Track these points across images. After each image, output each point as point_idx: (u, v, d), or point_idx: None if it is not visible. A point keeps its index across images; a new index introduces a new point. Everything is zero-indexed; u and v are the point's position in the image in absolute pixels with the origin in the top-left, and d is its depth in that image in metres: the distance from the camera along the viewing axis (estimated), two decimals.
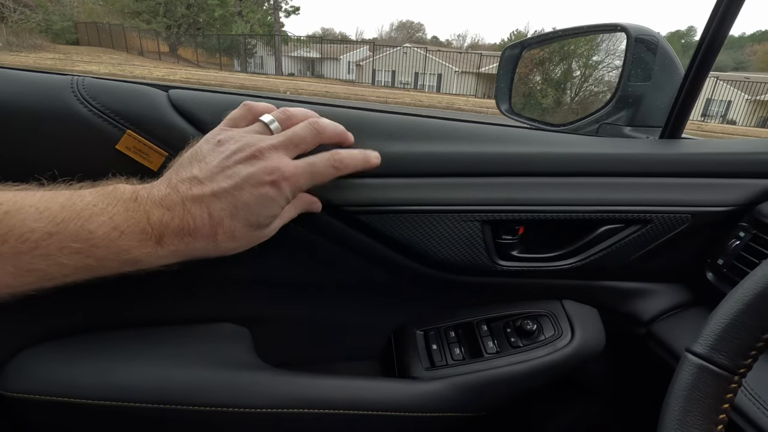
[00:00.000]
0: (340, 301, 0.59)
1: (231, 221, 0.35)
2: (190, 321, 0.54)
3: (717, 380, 0.28)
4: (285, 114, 0.40)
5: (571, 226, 0.53)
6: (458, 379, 0.54)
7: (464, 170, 0.50)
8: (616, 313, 0.60)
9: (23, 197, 0.30)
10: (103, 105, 0.41)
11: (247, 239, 0.37)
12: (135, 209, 0.32)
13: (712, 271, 0.55)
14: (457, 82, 21.06)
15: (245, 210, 0.35)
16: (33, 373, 0.46)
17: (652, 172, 0.53)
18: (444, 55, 22.64)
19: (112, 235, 0.31)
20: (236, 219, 0.35)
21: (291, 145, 0.38)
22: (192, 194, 0.34)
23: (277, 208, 0.37)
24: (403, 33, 71.98)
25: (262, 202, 0.36)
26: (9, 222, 0.28)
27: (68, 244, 0.30)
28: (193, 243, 0.34)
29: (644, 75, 0.60)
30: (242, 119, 0.40)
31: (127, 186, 0.34)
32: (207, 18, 21.63)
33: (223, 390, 0.47)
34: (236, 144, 0.36)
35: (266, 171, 0.35)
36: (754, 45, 63.19)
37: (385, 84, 22.16)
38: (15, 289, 0.30)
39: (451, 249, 0.51)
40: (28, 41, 15.62)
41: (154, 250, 0.33)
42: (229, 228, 0.35)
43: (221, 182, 0.35)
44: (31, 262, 0.29)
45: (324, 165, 0.40)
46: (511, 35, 52.27)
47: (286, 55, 24.32)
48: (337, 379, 0.52)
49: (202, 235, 0.34)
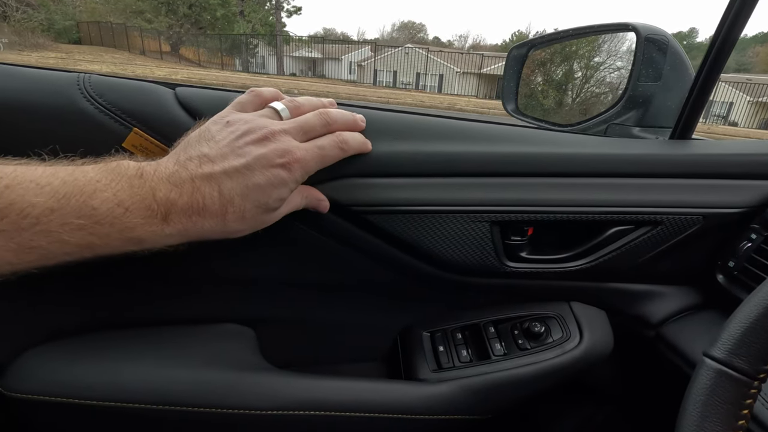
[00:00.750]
0: (346, 302, 0.58)
1: (242, 201, 0.35)
2: (194, 321, 0.54)
3: (736, 385, 0.28)
4: (294, 103, 0.41)
5: (580, 228, 0.53)
6: (465, 382, 0.53)
7: (473, 170, 0.49)
8: (624, 315, 0.59)
9: (24, 171, 0.28)
10: (109, 102, 0.41)
11: (254, 221, 0.37)
12: (140, 185, 0.31)
13: (723, 273, 0.54)
14: (458, 83, 21.06)
15: (256, 191, 0.35)
16: (36, 373, 0.45)
17: (662, 173, 0.52)
18: (445, 56, 22.64)
19: (117, 211, 0.30)
20: (247, 199, 0.35)
21: (301, 131, 0.38)
22: (202, 172, 0.34)
23: (287, 190, 0.37)
24: (405, 33, 72.03)
25: (274, 183, 0.35)
26: (9, 196, 0.27)
27: (70, 220, 0.29)
28: (201, 222, 0.34)
29: (654, 75, 0.59)
30: (249, 104, 0.40)
31: (131, 162, 0.33)
32: (209, 18, 21.66)
33: (227, 391, 0.46)
34: (247, 125, 0.36)
35: (277, 153, 0.35)
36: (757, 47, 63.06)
37: (387, 84, 22.17)
38: (15, 267, 0.28)
39: (459, 250, 0.51)
40: (31, 40, 15.64)
41: (160, 229, 0.32)
42: (239, 208, 0.35)
43: (233, 161, 0.34)
44: (32, 238, 0.28)
45: (331, 147, 0.40)
46: (513, 36, 52.27)
47: (288, 55, 24.35)
48: (343, 380, 0.51)
49: (211, 214, 0.34)
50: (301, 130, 0.38)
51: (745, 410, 0.28)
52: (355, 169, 0.46)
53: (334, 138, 0.41)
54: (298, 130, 0.38)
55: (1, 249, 0.27)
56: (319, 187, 0.45)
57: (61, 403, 0.44)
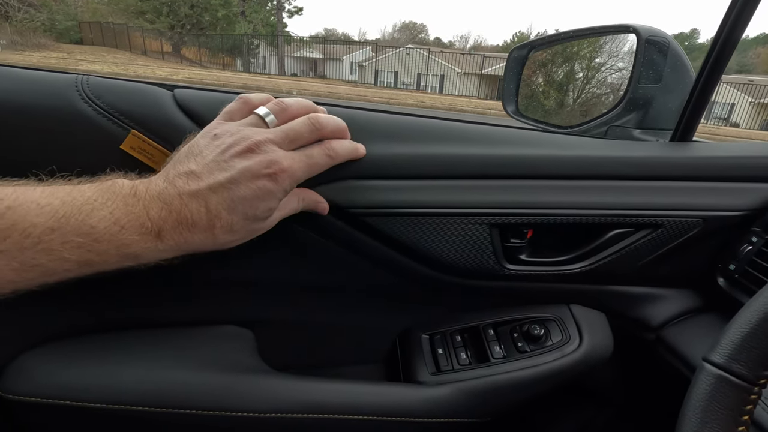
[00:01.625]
0: (344, 304, 0.58)
1: (229, 215, 0.35)
2: (192, 323, 0.53)
3: (736, 391, 0.27)
4: (280, 106, 0.40)
5: (580, 230, 0.53)
6: (464, 384, 0.53)
7: (472, 172, 0.49)
8: (624, 318, 0.59)
9: (24, 192, 0.29)
10: (107, 104, 0.40)
11: (245, 232, 0.37)
12: (134, 204, 0.32)
13: (724, 276, 0.54)
14: (459, 84, 21.05)
15: (243, 203, 0.35)
16: (34, 375, 0.45)
17: (663, 176, 0.52)
18: (447, 57, 22.64)
19: (113, 229, 0.31)
20: (234, 212, 0.35)
21: (287, 140, 0.38)
22: (189, 189, 0.34)
23: (275, 200, 0.37)
24: (406, 34, 72.04)
25: (260, 195, 0.35)
26: (11, 217, 0.28)
27: (70, 238, 0.30)
28: (192, 237, 0.34)
29: (655, 77, 0.59)
30: (238, 112, 0.40)
31: (125, 181, 0.34)
32: (210, 18, 21.69)
33: (225, 394, 0.46)
34: (232, 137, 0.36)
35: (263, 164, 0.35)
36: (758, 48, 63.02)
37: (388, 85, 22.18)
38: (17, 285, 0.30)
39: (459, 252, 0.50)
40: (32, 40, 15.67)
41: (154, 245, 0.33)
42: (227, 221, 0.35)
43: (218, 176, 0.34)
44: (33, 257, 0.29)
45: (319, 155, 0.40)
46: (514, 37, 52.26)
47: (289, 56, 24.37)
48: (341, 383, 0.51)
49: (200, 229, 0.34)
50: (287, 138, 0.38)
51: (746, 416, 0.27)
52: (354, 171, 0.46)
53: (323, 147, 0.40)
54: (284, 139, 0.38)
55: (5, 268, 0.28)
56: (319, 189, 0.45)
57: (58, 405, 0.44)
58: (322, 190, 0.45)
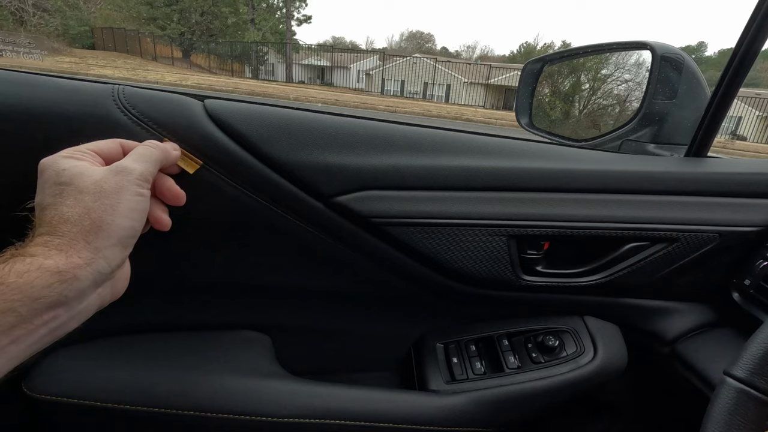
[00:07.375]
0: (361, 311, 0.59)
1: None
2: (212, 327, 0.54)
3: (758, 405, 0.28)
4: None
5: (596, 243, 0.53)
6: (478, 394, 0.53)
7: (491, 185, 0.50)
8: (638, 331, 0.59)
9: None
10: (141, 113, 0.42)
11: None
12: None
13: (739, 291, 0.54)
14: (466, 93, 21.13)
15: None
16: (59, 375, 0.46)
17: (679, 191, 0.53)
18: (453, 66, 22.75)
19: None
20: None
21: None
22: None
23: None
24: (413, 43, 72.54)
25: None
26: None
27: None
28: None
29: (670, 93, 0.60)
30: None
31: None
32: (220, 25, 21.97)
33: (245, 398, 0.47)
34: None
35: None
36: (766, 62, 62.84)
37: (394, 93, 22.28)
38: (20, 359, 0.29)
39: (476, 263, 0.51)
40: (46, 44, 15.94)
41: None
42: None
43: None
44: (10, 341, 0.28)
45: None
46: (521, 47, 52.47)
47: (297, 63, 24.58)
48: (358, 390, 0.52)
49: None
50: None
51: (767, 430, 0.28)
52: (375, 181, 0.47)
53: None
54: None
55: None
56: (341, 199, 0.46)
57: (82, 405, 0.45)
58: (345, 200, 0.46)
